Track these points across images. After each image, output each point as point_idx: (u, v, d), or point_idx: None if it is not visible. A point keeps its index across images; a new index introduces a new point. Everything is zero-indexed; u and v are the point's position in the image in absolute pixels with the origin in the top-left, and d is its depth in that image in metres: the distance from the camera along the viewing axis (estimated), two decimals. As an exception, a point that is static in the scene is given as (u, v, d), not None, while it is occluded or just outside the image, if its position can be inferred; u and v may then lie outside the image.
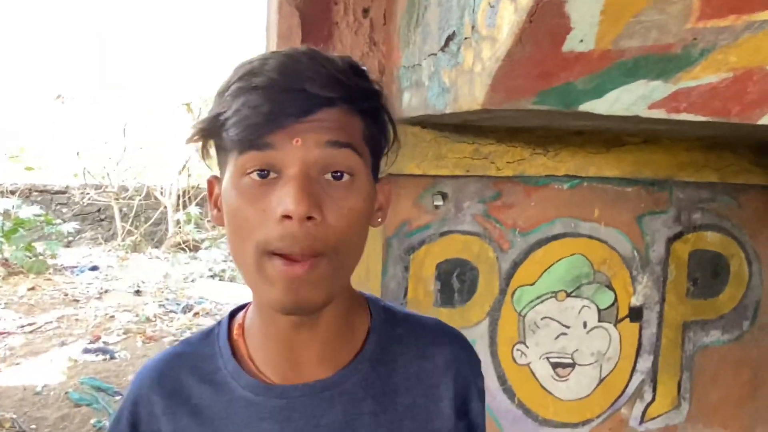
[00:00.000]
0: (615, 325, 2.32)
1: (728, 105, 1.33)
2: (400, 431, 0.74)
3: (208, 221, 9.19)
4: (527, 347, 2.29)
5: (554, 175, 2.22)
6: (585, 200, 2.27)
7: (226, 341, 0.76)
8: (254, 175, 0.62)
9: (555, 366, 2.31)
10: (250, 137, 0.60)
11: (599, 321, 2.31)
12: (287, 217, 0.59)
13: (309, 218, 0.60)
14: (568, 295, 2.29)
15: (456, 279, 2.26)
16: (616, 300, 2.31)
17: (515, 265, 2.28)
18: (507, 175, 2.20)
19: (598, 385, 2.35)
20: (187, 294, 6.81)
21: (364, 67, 0.70)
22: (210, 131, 0.65)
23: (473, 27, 1.30)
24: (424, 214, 2.23)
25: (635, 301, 2.34)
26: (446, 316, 2.27)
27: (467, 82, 1.35)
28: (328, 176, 0.63)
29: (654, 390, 2.38)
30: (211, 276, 7.66)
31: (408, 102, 1.78)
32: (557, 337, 2.30)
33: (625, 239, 2.30)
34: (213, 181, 0.72)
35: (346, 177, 0.64)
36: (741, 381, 2.42)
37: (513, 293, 2.28)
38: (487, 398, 2.36)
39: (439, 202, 2.22)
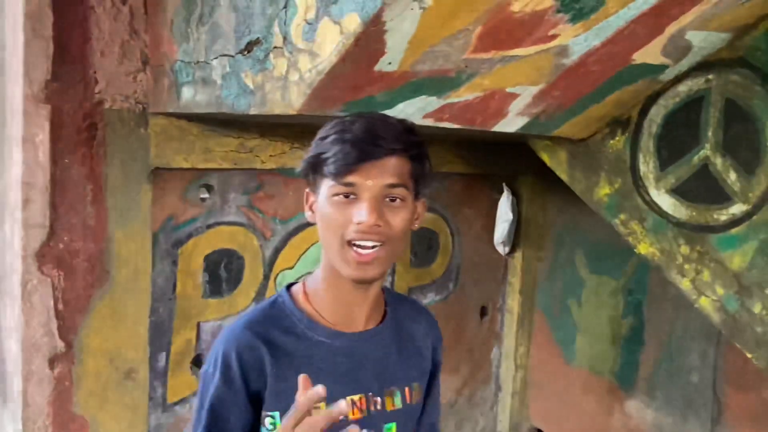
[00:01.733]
0: (359, 297, 2.66)
1: (475, 116, 1.73)
2: (410, 365, 1.12)
3: None
4: (288, 326, 2.49)
5: (310, 167, 2.43)
6: None
7: (293, 306, 1.06)
8: (341, 197, 0.96)
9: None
10: (342, 173, 0.94)
11: (347, 295, 2.62)
12: (360, 224, 0.94)
13: (376, 224, 0.94)
14: (322, 274, 2.55)
15: (223, 269, 2.32)
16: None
17: (276, 251, 2.44)
18: (270, 168, 2.34)
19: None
20: None
21: (413, 127, 1.04)
22: (314, 165, 0.99)
23: (285, 38, 1.43)
24: (191, 207, 2.23)
25: (374, 275, 2.71)
26: (215, 306, 2.32)
27: (280, 88, 1.47)
28: (387, 200, 0.97)
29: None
30: None
31: (191, 97, 1.79)
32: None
33: None
34: (309, 193, 1.05)
35: (398, 201, 0.98)
36: (449, 331, 3.00)
37: (275, 278, 2.44)
38: None
39: (205, 195, 2.25)
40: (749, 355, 1.67)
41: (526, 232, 3.15)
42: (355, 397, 1.04)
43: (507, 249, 3.08)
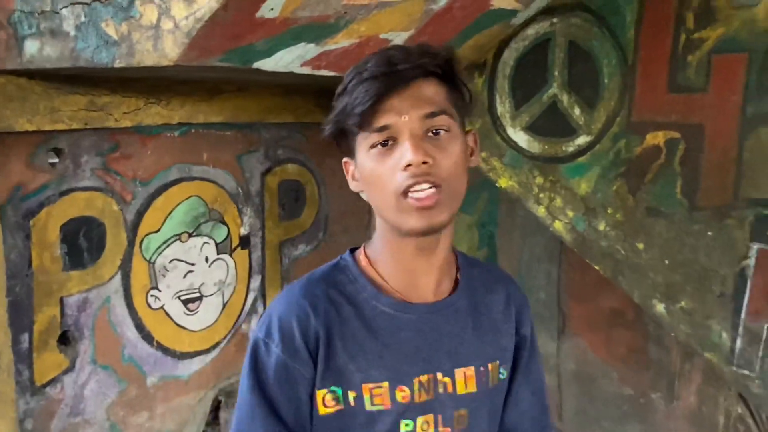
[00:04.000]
0: (230, 255, 2.64)
1: (351, 64, 1.75)
2: (486, 341, 0.98)
3: None
4: (160, 291, 2.41)
5: (168, 124, 2.32)
6: (195, 145, 2.45)
7: (357, 270, 0.95)
8: (379, 147, 0.85)
9: (186, 303, 2.50)
10: (370, 118, 0.83)
11: (218, 254, 2.59)
12: (409, 165, 0.82)
13: (424, 163, 0.82)
14: (190, 235, 2.48)
15: (83, 238, 2.17)
16: (229, 233, 2.62)
17: (140, 214, 2.33)
18: (125, 126, 2.20)
19: (222, 310, 2.64)
20: None
21: (437, 46, 0.90)
22: (338, 123, 0.88)
23: None
24: (40, 174, 2.04)
25: (243, 231, 2.70)
26: (77, 278, 2.18)
27: (150, 38, 1.39)
28: (431, 135, 0.85)
29: (264, 303, 2.83)
30: None
31: (37, 52, 1.63)
32: (185, 275, 2.48)
33: (230, 178, 2.60)
34: (348, 162, 0.95)
35: (443, 133, 0.86)
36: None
37: (141, 243, 2.33)
38: (128, 348, 2.41)
39: (55, 160, 2.07)
40: (596, 267, 1.94)
41: (388, 177, 3.26)
42: (423, 378, 0.91)
43: (370, 195, 3.19)
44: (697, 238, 1.74)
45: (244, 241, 2.70)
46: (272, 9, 1.35)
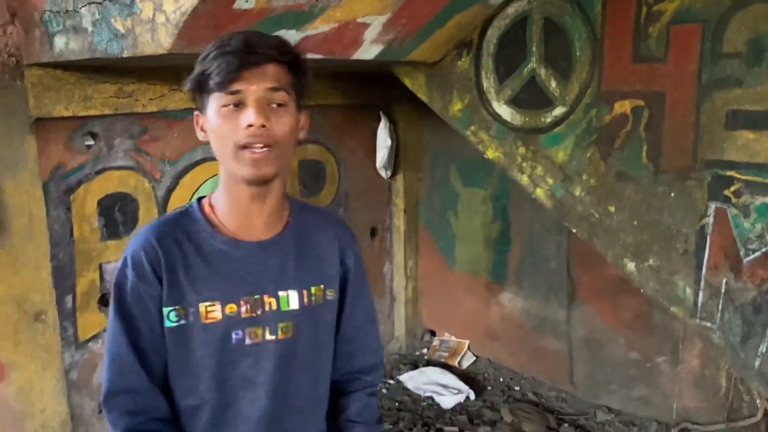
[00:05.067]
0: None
1: (334, 47, 1.92)
2: (310, 270, 1.14)
3: None
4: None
5: (191, 108, 2.54)
6: None
7: (200, 215, 1.10)
8: (230, 107, 0.98)
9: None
10: (227, 83, 0.97)
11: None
12: (250, 126, 0.97)
13: (262, 126, 0.97)
14: (216, 210, 2.70)
15: (118, 212, 2.44)
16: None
17: (169, 191, 2.57)
18: (151, 111, 2.44)
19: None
20: None
21: (289, 42, 1.05)
22: (199, 82, 1.00)
23: None
24: (78, 155, 2.32)
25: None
26: (114, 248, 2.44)
27: (149, 30, 1.60)
28: (273, 105, 1.00)
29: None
30: None
31: (64, 46, 1.87)
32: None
33: None
34: (198, 115, 1.07)
35: (281, 108, 1.00)
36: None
37: (170, 216, 2.57)
38: None
39: (90, 142, 2.34)
40: (574, 230, 2.04)
41: (404, 155, 3.41)
42: (249, 298, 1.08)
43: (389, 173, 3.36)
44: (661, 199, 1.80)
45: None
46: (247, 1, 1.54)
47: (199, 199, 1.15)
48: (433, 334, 3.63)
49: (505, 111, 2.12)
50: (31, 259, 2.17)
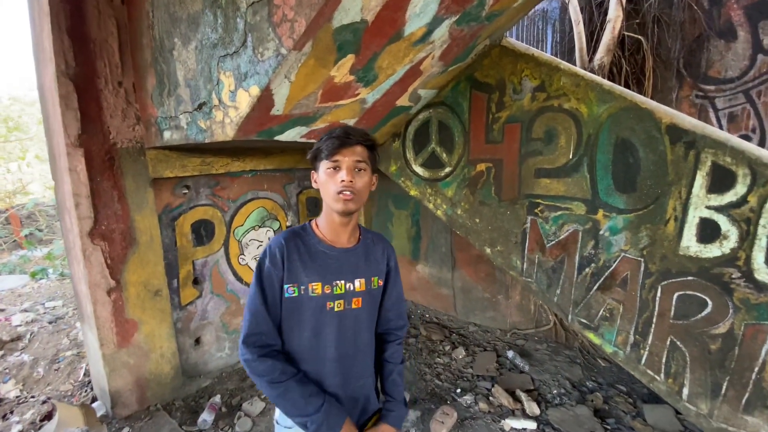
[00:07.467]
0: (281, 236, 2.76)
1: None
2: (370, 268, 1.07)
3: None
4: (244, 256, 2.54)
5: (244, 170, 2.47)
6: (260, 181, 2.57)
7: (311, 229, 1.05)
8: (332, 169, 0.96)
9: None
10: (331, 155, 0.96)
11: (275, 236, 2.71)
12: (343, 181, 0.95)
13: (350, 182, 0.96)
14: (259, 227, 2.62)
15: (203, 230, 2.33)
16: (280, 225, 2.75)
17: (232, 217, 2.46)
18: (222, 172, 2.35)
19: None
20: None
21: (369, 132, 0.98)
22: (315, 154, 0.99)
23: (219, 101, 1.50)
24: (178, 198, 2.20)
25: (288, 224, 2.82)
26: (201, 251, 2.31)
27: (220, 127, 1.55)
28: (357, 170, 0.97)
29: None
30: None
31: (170, 137, 1.79)
32: (257, 247, 2.62)
33: (279, 197, 2.71)
34: (313, 173, 1.02)
35: (362, 171, 0.98)
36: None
37: (234, 231, 2.48)
38: (229, 285, 2.48)
39: (185, 191, 2.23)
40: (457, 231, 2.08)
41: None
42: (339, 282, 1.02)
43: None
44: (503, 215, 1.83)
45: (289, 229, 2.81)
46: (278, 110, 1.51)
47: (309, 221, 1.10)
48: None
49: (419, 170, 2.15)
50: (151, 260, 2.05)
